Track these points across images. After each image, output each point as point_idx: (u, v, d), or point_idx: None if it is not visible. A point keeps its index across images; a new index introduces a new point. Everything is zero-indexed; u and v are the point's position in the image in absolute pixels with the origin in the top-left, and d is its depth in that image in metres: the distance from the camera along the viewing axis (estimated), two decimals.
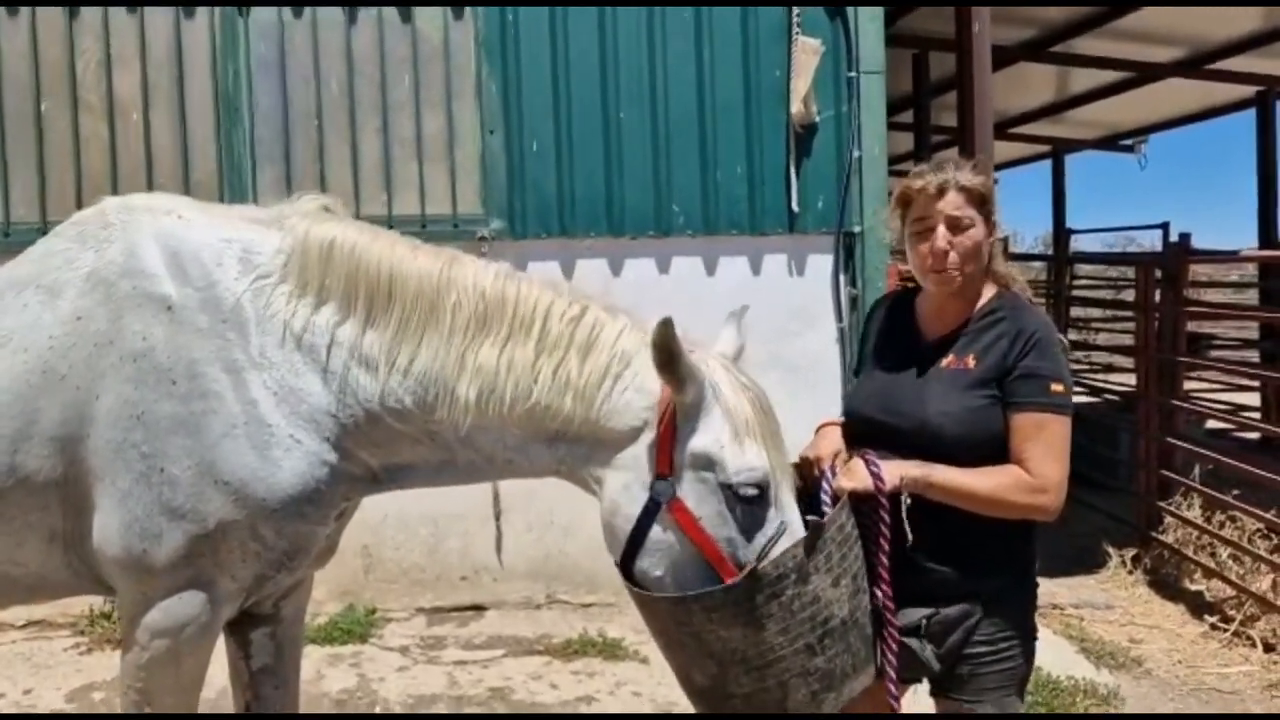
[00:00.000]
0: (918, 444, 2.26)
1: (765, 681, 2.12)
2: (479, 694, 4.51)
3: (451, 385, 2.17)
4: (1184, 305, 6.59)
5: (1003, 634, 2.30)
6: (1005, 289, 2.37)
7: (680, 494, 2.11)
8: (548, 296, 2.22)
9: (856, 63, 5.55)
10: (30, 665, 4.86)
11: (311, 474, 2.21)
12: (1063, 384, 2.23)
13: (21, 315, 2.28)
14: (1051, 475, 2.19)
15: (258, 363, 2.19)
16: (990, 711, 2.30)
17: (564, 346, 2.17)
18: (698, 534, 2.10)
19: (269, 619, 2.59)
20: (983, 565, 2.28)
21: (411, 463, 2.32)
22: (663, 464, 2.12)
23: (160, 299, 2.21)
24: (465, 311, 2.19)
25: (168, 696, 2.31)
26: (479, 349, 2.18)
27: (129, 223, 2.30)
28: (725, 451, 2.11)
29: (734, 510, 2.11)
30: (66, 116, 5.38)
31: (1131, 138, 12.59)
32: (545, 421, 2.18)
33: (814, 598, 2.09)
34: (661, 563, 2.13)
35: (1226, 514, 5.80)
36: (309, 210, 2.36)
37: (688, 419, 2.12)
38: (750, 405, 2.15)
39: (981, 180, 2.29)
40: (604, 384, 2.16)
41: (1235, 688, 4.66)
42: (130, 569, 2.21)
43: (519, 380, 2.16)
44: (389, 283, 2.21)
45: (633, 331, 2.21)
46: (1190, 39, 8.61)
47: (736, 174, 5.55)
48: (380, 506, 5.42)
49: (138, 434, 2.16)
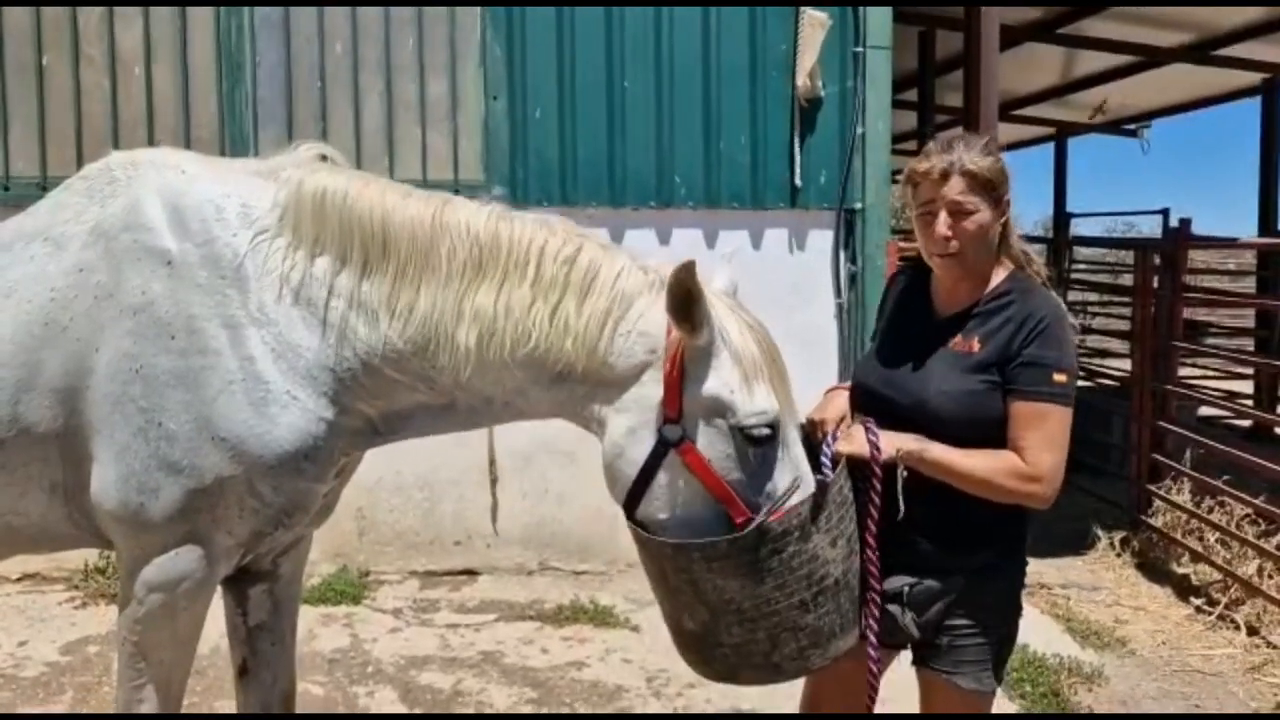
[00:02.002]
0: (915, 420, 2.27)
1: (755, 633, 2.15)
2: (470, 656, 4.56)
3: (451, 331, 2.16)
4: (1182, 291, 6.61)
5: (985, 609, 2.33)
6: (1020, 270, 2.35)
7: (690, 438, 2.10)
8: (541, 235, 2.19)
9: (863, 37, 5.53)
10: (25, 618, 4.90)
11: (309, 430, 2.21)
12: (1066, 373, 2.21)
13: (27, 267, 2.28)
14: (1046, 465, 2.19)
15: (256, 319, 2.19)
16: (969, 685, 2.33)
17: (560, 288, 2.14)
18: (709, 476, 2.09)
19: (267, 576, 2.60)
20: (970, 540, 2.30)
21: (411, 411, 2.31)
22: (671, 407, 2.10)
23: (160, 253, 2.21)
24: (460, 256, 2.17)
25: (163, 651, 2.33)
26: (476, 294, 2.16)
27: (133, 177, 2.30)
28: (736, 395, 2.09)
29: (745, 453, 2.11)
30: (68, 70, 5.35)
31: (1135, 122, 12.55)
32: (546, 364, 2.17)
33: (812, 555, 2.12)
34: (668, 506, 2.13)
35: (1216, 499, 5.85)
36: (304, 160, 2.35)
37: (697, 362, 2.11)
38: (757, 346, 2.14)
39: (989, 163, 2.25)
40: (605, 326, 2.14)
41: (1218, 669, 4.72)
42: (127, 522, 2.22)
43: (518, 324, 2.14)
44: (383, 231, 2.20)
45: (633, 272, 2.19)
46: (1198, 24, 8.57)
47: (740, 146, 5.54)
48: (375, 470, 5.45)
49: (136, 388, 2.17)
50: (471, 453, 5.60)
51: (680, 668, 2.40)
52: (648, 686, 4.27)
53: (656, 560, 2.22)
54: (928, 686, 2.42)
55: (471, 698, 4.17)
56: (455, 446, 5.57)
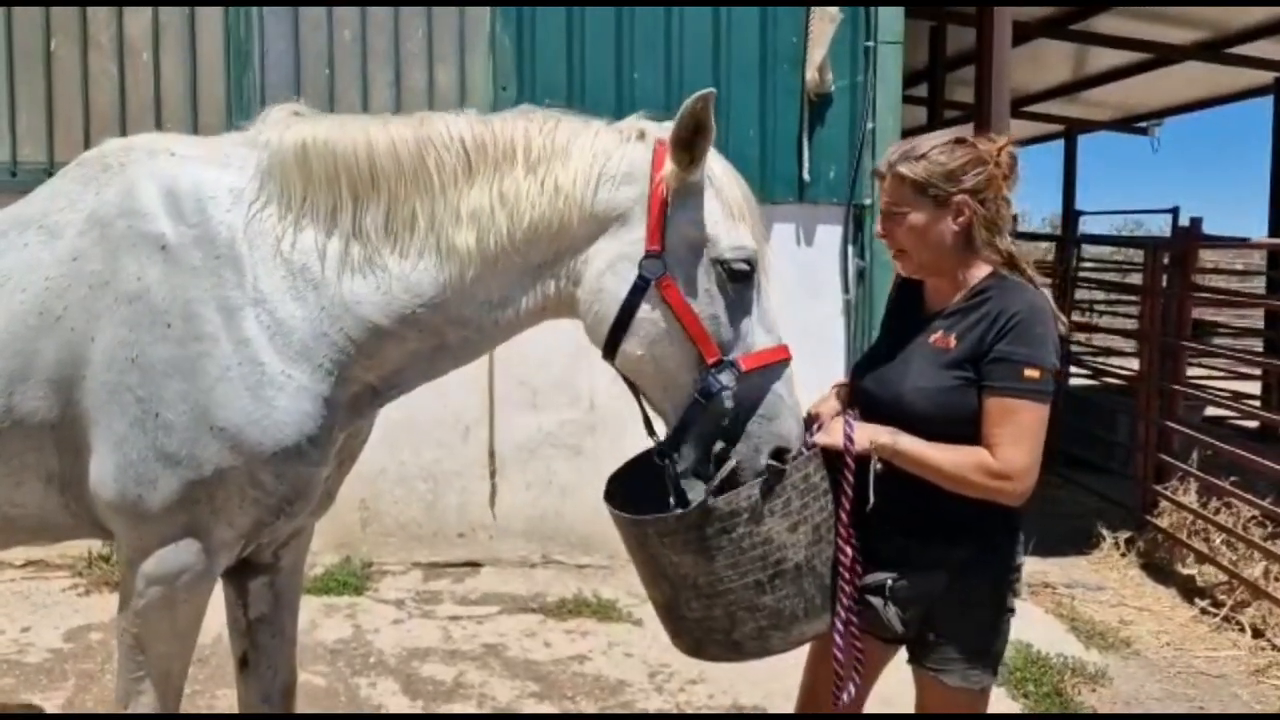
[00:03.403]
0: (894, 415, 2.29)
1: (713, 610, 2.21)
2: (473, 649, 4.55)
3: (451, 240, 2.17)
4: (1190, 290, 6.58)
5: (968, 606, 2.32)
6: (1006, 268, 2.32)
7: (671, 272, 2.14)
8: (521, 124, 2.23)
9: (875, 32, 5.49)
10: (29, 604, 4.90)
11: (308, 410, 2.18)
12: (1039, 369, 2.18)
13: (22, 255, 2.26)
14: (1016, 462, 2.17)
15: (252, 298, 2.17)
16: (955, 683, 2.32)
17: (546, 159, 2.18)
18: (686, 313, 2.13)
19: (268, 568, 2.59)
20: (949, 535, 2.30)
21: (404, 364, 2.29)
22: (654, 240, 2.14)
23: (155, 238, 2.18)
24: (449, 164, 2.19)
25: (162, 643, 2.32)
26: (470, 194, 2.18)
27: (127, 164, 2.28)
28: (720, 228, 2.16)
29: (724, 289, 2.16)
30: (76, 55, 5.33)
31: (1146, 120, 12.49)
32: (540, 242, 2.19)
33: (766, 539, 2.16)
34: (645, 342, 2.16)
35: (1222, 500, 5.82)
36: (278, 120, 2.32)
37: (683, 196, 2.16)
38: (741, 192, 2.21)
39: (923, 166, 2.25)
40: (590, 179, 2.17)
41: (1222, 671, 4.70)
42: (125, 514, 2.20)
43: (512, 208, 2.17)
44: (369, 163, 2.19)
45: (609, 130, 2.24)
46: (1210, 22, 8.52)
47: (749, 139, 5.50)
48: (378, 461, 5.45)
49: (133, 377, 2.14)
50: (475, 445, 5.59)
51: (682, 663, 2.41)
52: (650, 681, 4.26)
53: (624, 535, 2.33)
54: (920, 685, 2.43)
55: (474, 690, 4.17)
56: (459, 439, 5.58)
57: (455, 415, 5.56)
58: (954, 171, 2.26)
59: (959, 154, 2.28)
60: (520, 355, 5.51)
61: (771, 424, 2.17)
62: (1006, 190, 2.32)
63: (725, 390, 2.13)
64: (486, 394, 5.57)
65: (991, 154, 2.30)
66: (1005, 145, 2.33)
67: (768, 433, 2.16)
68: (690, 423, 2.16)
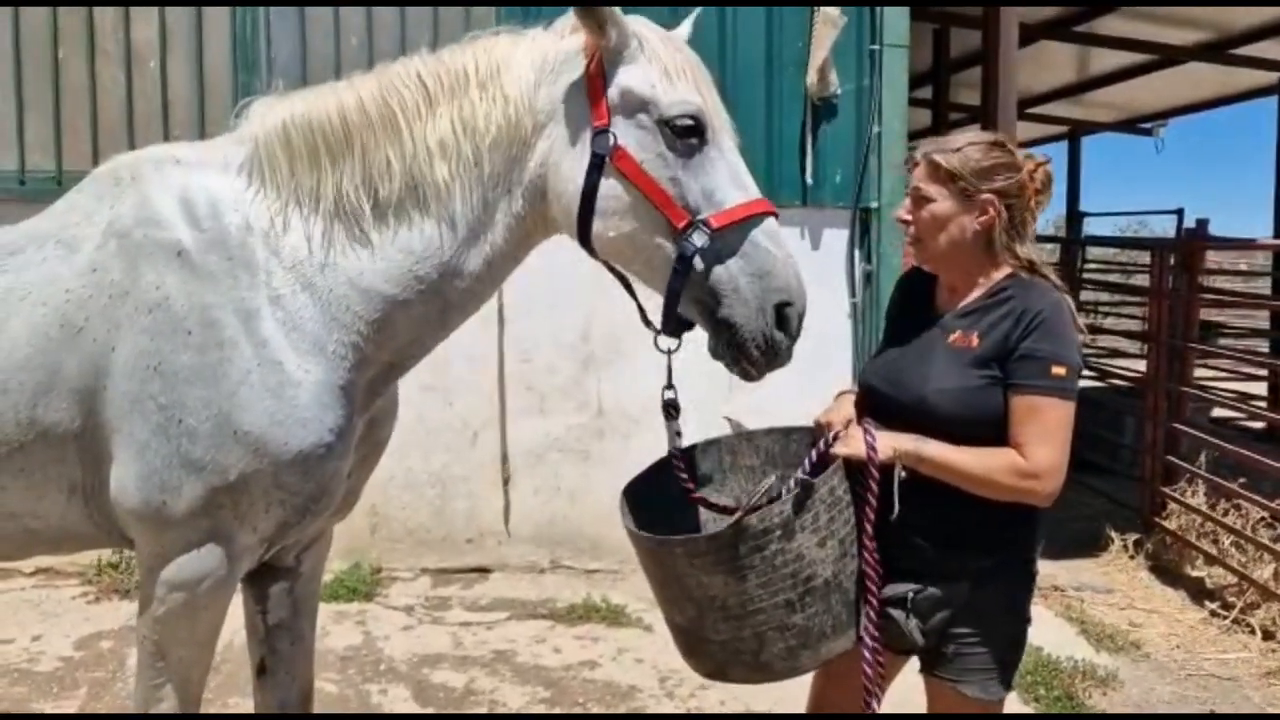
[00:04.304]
0: (915, 418, 2.25)
1: (742, 631, 2.15)
2: (483, 655, 4.55)
3: (429, 177, 2.21)
4: (1198, 292, 6.57)
5: (990, 617, 2.30)
6: (1025, 270, 2.32)
7: (620, 142, 2.15)
8: (469, 48, 2.29)
9: (880, 35, 5.49)
10: (39, 612, 4.91)
11: (328, 401, 2.19)
12: (1065, 367, 2.17)
13: (41, 269, 2.27)
14: (1045, 461, 2.15)
15: (266, 296, 2.19)
16: (975, 694, 2.30)
17: (494, 74, 2.23)
18: (642, 179, 2.14)
19: (288, 573, 2.59)
20: (973, 545, 2.27)
21: (415, 333, 2.31)
22: (598, 115, 2.17)
23: (172, 245, 2.20)
24: (410, 101, 2.23)
25: (183, 649, 2.32)
26: (435, 127, 2.22)
27: (138, 176, 2.31)
28: (657, 89, 2.17)
29: (674, 148, 2.15)
30: (84, 64, 5.35)
31: (1150, 121, 12.49)
32: (501, 156, 2.22)
33: (797, 555, 2.11)
34: (613, 219, 2.18)
35: (1230, 502, 5.81)
36: (259, 110, 2.36)
37: (615, 64, 2.19)
38: (679, 54, 2.23)
39: (957, 158, 2.26)
40: (531, 80, 2.22)
41: (1233, 674, 4.69)
42: (148, 521, 2.21)
43: (473, 128, 2.21)
44: (342, 124, 2.24)
45: (544, 33, 2.31)
46: (1214, 23, 8.52)
47: (754, 143, 5.49)
48: (387, 467, 5.41)
49: (155, 385, 2.16)
50: (483, 450, 5.60)
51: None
52: (660, 687, 4.26)
53: (645, 556, 2.26)
54: (934, 694, 2.39)
55: (484, 696, 4.17)
56: (467, 444, 5.59)
57: (463, 421, 5.57)
58: (986, 170, 2.26)
59: (994, 154, 2.28)
60: (527, 361, 5.53)
61: (764, 280, 2.13)
62: (1035, 204, 2.32)
63: (700, 251, 2.11)
64: (494, 399, 5.57)
65: (1028, 167, 2.31)
66: (1044, 164, 2.34)
67: (765, 289, 2.13)
68: (676, 293, 2.15)
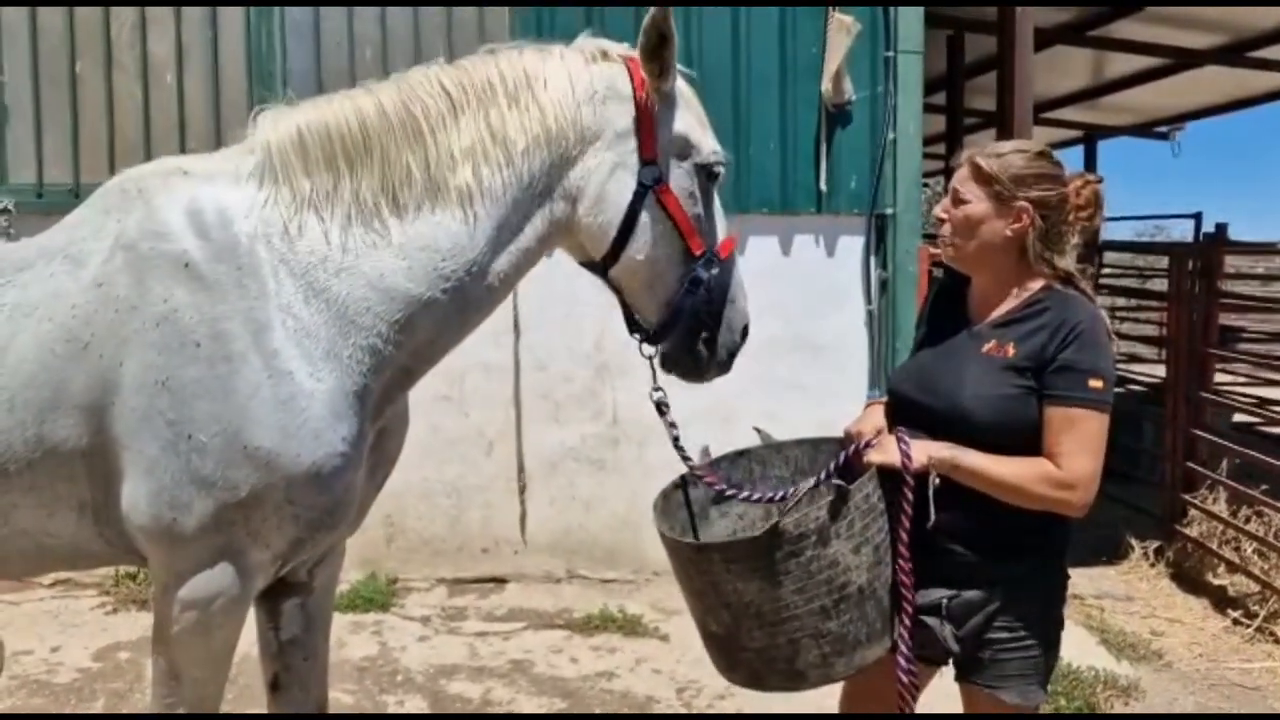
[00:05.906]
0: (949, 426, 2.24)
1: (777, 638, 2.16)
2: (500, 665, 4.54)
3: (450, 182, 2.22)
4: (1218, 297, 6.52)
5: (1025, 621, 2.29)
6: (1061, 282, 2.31)
7: (665, 178, 2.33)
8: (491, 60, 2.31)
9: (894, 42, 5.48)
10: (58, 623, 4.92)
11: (341, 410, 2.17)
12: (1102, 379, 2.18)
13: (47, 284, 2.25)
14: (1081, 472, 2.16)
15: (276, 305, 2.16)
16: (1014, 700, 2.29)
17: (524, 87, 2.27)
18: (679, 213, 2.34)
19: (301, 588, 2.56)
20: (1007, 551, 2.27)
21: (435, 333, 2.30)
22: (648, 149, 2.30)
23: (179, 257, 2.17)
24: (434, 109, 2.25)
25: (197, 668, 2.30)
26: (460, 134, 2.24)
27: (145, 189, 2.28)
28: (697, 135, 2.40)
29: (706, 190, 2.41)
30: (100, 78, 5.38)
31: (1166, 125, 12.41)
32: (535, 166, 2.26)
33: (832, 561, 2.12)
34: (645, 244, 2.33)
35: (1252, 508, 5.75)
36: (269, 119, 2.34)
37: (664, 107, 2.34)
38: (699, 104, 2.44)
39: (998, 162, 2.27)
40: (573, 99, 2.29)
41: (1257, 683, 4.64)
42: (159, 538, 2.18)
43: (503, 137, 2.24)
44: (360, 130, 2.24)
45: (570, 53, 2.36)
46: (1231, 26, 8.45)
47: (769, 151, 5.50)
48: (403, 477, 5.41)
49: (163, 400, 2.12)
50: (498, 460, 5.59)
51: (710, 679, 2.38)
52: (678, 698, 4.24)
53: (681, 563, 2.26)
54: (971, 700, 2.38)
55: (501, 707, 4.16)
56: (482, 454, 5.58)
57: (478, 430, 5.56)
58: (1025, 177, 2.26)
59: (1037, 164, 2.29)
60: (543, 370, 5.52)
61: (736, 305, 2.46)
62: (1076, 218, 2.32)
63: (709, 279, 2.37)
64: (508, 409, 5.57)
65: (1075, 183, 2.30)
66: (1094, 183, 2.33)
67: (735, 314, 2.46)
68: (681, 311, 2.37)
